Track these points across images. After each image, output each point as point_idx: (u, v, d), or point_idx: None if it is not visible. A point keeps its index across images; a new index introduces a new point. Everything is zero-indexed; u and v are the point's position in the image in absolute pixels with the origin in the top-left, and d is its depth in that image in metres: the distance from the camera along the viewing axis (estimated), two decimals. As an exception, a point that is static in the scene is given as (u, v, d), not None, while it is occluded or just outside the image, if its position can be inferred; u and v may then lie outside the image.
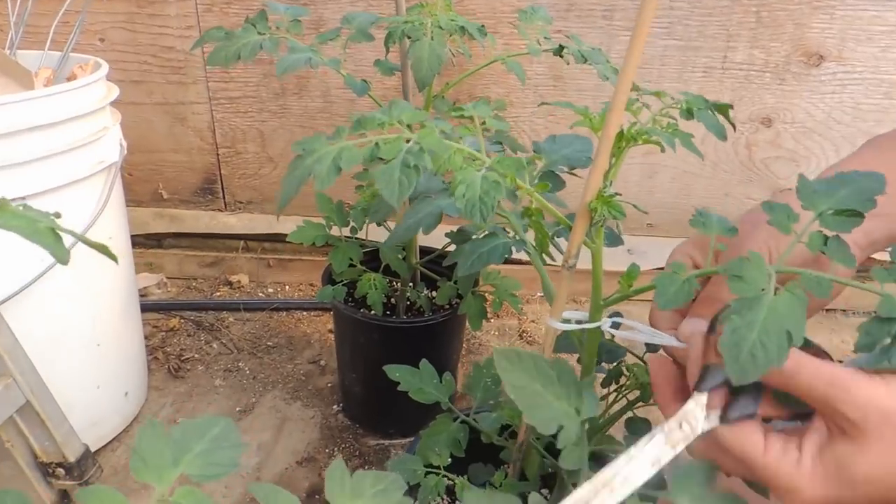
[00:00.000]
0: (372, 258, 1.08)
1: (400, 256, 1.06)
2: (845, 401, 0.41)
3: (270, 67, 1.35)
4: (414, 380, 0.72)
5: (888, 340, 0.41)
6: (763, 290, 0.42)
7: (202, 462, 0.41)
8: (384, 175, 0.43)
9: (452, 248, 0.81)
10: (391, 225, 1.06)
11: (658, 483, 0.51)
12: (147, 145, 1.43)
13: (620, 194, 0.49)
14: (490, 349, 1.36)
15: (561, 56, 0.95)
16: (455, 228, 0.84)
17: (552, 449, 0.64)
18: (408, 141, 0.45)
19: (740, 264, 0.43)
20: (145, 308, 1.35)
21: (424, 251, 1.10)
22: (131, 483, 0.98)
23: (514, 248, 0.66)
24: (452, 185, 0.45)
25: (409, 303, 1.11)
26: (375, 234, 1.08)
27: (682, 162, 1.36)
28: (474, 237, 0.77)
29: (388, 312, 1.09)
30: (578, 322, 0.55)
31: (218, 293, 1.46)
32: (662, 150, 0.55)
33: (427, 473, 0.69)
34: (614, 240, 0.63)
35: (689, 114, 0.62)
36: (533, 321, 1.43)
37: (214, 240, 1.51)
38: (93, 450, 0.89)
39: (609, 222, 0.52)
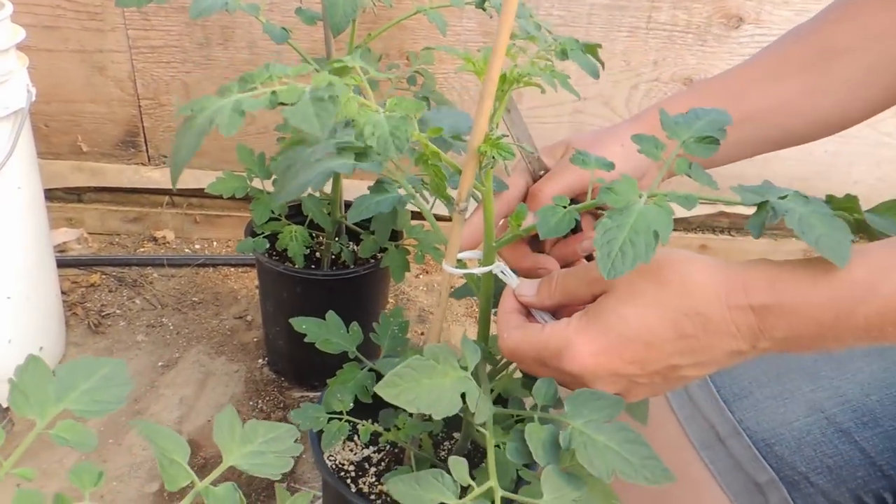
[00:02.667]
0: (297, 212, 1.08)
1: (324, 210, 1.06)
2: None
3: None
4: (320, 331, 0.73)
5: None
6: (633, 201, 0.47)
7: (87, 399, 0.41)
8: (297, 112, 0.43)
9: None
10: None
11: (555, 403, 0.54)
12: (64, 95, 1.37)
13: (507, 135, 0.50)
14: (418, 304, 1.38)
15: (483, 9, 0.95)
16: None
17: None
18: (303, 87, 0.45)
19: (614, 183, 0.47)
20: (64, 263, 1.31)
21: (350, 205, 1.10)
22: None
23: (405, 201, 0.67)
24: (357, 130, 0.45)
25: (334, 257, 1.11)
26: (299, 187, 1.07)
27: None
28: (388, 187, 0.77)
29: (313, 266, 1.09)
30: (473, 265, 0.56)
31: (142, 249, 1.43)
32: (543, 92, 0.56)
33: (330, 419, 0.71)
34: (500, 185, 0.64)
35: (563, 54, 0.63)
36: (461, 277, 1.45)
37: (138, 195, 1.47)
38: (5, 405, 0.87)
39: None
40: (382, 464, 0.77)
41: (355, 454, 0.77)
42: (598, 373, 0.50)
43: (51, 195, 1.39)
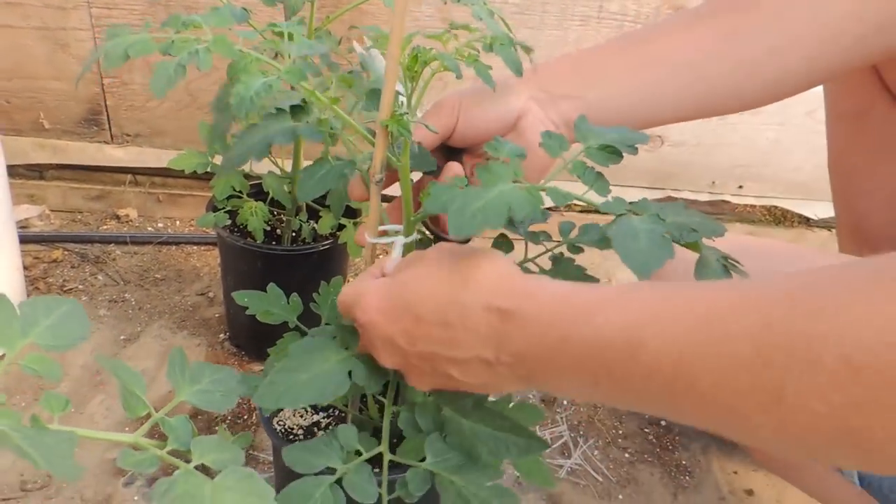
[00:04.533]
0: (259, 190, 1.11)
1: (285, 187, 1.09)
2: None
3: (156, -5, 1.32)
4: (261, 303, 0.77)
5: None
6: (504, 182, 0.48)
7: (51, 334, 0.44)
8: (161, 68, 0.47)
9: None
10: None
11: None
12: (25, 72, 1.38)
13: (407, 113, 0.54)
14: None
15: (439, -5, 0.99)
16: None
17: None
18: (202, 44, 0.49)
19: (493, 164, 0.50)
20: (26, 239, 1.33)
21: (309, 184, 1.14)
22: (10, 408, 0.99)
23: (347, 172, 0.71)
24: (234, 87, 0.49)
25: (294, 234, 1.14)
26: (261, 166, 1.10)
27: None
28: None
29: (274, 243, 1.12)
30: (392, 235, 0.60)
31: (105, 227, 1.45)
32: (458, 77, 0.59)
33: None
34: (421, 162, 0.65)
35: (489, 48, 0.67)
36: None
37: (101, 173, 1.49)
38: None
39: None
40: (331, 427, 0.81)
41: (304, 419, 0.81)
42: (376, 332, 0.51)
43: (12, 172, 1.39)
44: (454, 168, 0.62)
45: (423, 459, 0.59)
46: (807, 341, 0.34)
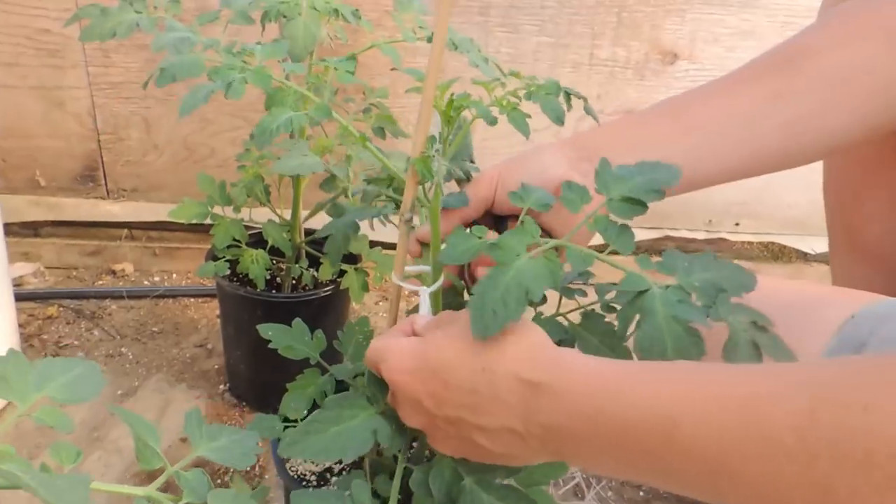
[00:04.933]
0: (257, 241, 1.11)
1: (284, 235, 1.09)
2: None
3: (154, 54, 1.34)
4: (285, 337, 0.76)
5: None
6: (518, 255, 0.47)
7: (65, 390, 0.43)
8: (194, 92, 0.48)
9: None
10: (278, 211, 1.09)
11: None
12: (21, 130, 1.39)
13: (436, 154, 0.54)
14: (379, 329, 1.40)
15: (434, 43, 1.01)
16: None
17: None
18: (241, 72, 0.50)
19: (500, 239, 0.48)
20: (21, 297, 1.31)
21: (309, 232, 1.14)
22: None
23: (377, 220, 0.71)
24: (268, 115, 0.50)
25: (294, 282, 1.14)
26: (260, 215, 1.11)
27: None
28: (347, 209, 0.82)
29: (274, 291, 1.12)
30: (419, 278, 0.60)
31: (100, 282, 1.44)
32: (491, 123, 0.60)
33: (286, 427, 0.73)
34: (458, 200, 0.67)
35: (528, 96, 0.67)
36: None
37: (96, 228, 1.48)
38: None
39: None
40: (343, 472, 0.79)
41: (316, 465, 0.79)
42: (403, 391, 0.51)
43: (8, 230, 1.38)
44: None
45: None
46: (854, 436, 0.33)
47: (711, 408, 0.37)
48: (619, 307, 0.49)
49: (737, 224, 1.54)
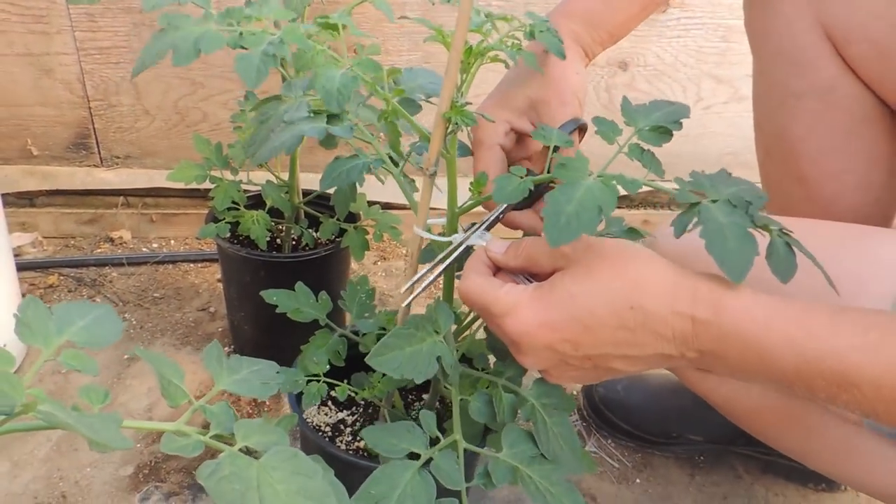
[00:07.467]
0: (255, 203, 1.11)
1: (283, 195, 1.09)
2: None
3: (141, 17, 1.33)
4: (291, 301, 0.77)
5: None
6: (583, 178, 0.50)
7: (85, 333, 0.44)
8: (245, 60, 0.47)
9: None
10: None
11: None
12: (11, 99, 1.37)
13: (471, 103, 0.55)
14: (377, 289, 1.42)
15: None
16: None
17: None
18: (272, 35, 0.50)
19: (567, 160, 0.51)
20: (20, 267, 1.31)
21: (307, 193, 1.14)
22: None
23: (372, 167, 0.71)
24: (313, 80, 0.50)
25: (294, 242, 1.15)
26: (257, 178, 1.11)
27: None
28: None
29: (275, 252, 1.12)
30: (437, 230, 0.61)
31: (99, 250, 1.44)
32: (507, 67, 0.61)
33: (309, 381, 0.75)
34: (466, 151, 0.70)
35: (531, 35, 0.69)
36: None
37: (91, 196, 1.48)
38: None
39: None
40: (357, 424, 0.81)
41: (330, 417, 0.82)
42: (533, 343, 0.52)
43: (3, 200, 1.38)
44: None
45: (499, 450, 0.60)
46: None
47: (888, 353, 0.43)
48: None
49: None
